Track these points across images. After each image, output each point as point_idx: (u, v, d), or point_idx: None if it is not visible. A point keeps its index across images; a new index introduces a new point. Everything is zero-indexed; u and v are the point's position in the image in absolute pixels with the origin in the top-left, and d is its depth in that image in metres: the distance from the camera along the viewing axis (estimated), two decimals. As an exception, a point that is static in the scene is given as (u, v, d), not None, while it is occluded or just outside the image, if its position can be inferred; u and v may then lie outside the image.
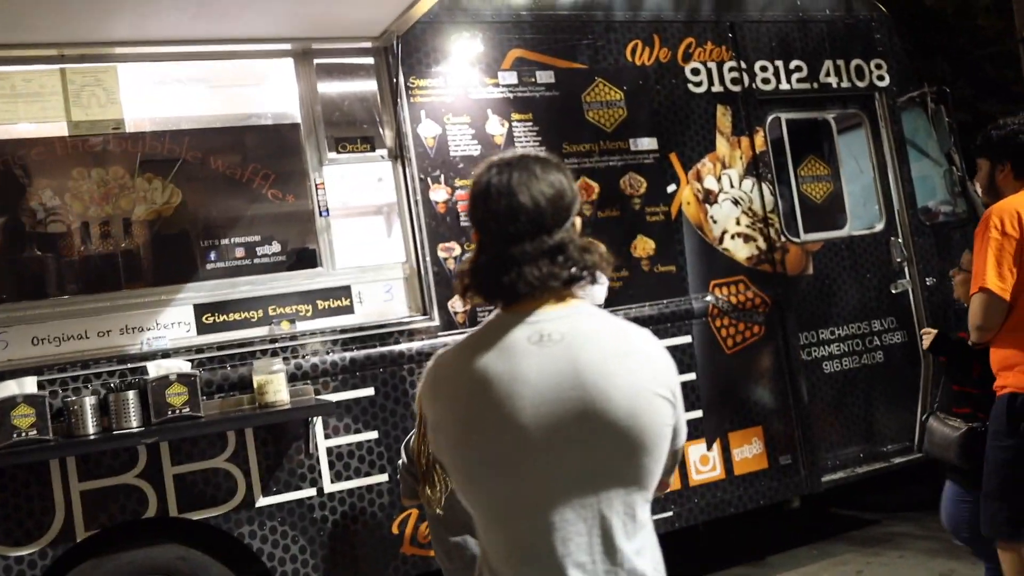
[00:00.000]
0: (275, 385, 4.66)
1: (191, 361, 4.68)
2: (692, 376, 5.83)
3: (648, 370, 1.95)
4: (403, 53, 5.36)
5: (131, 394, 4.46)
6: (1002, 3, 11.65)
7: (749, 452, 5.91)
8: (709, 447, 5.81)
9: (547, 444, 1.85)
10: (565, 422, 1.85)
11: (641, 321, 5.65)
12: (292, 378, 4.84)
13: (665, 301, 5.81)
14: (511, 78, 5.63)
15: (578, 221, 2.08)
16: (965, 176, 6.82)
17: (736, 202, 6.11)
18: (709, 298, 5.93)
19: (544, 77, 5.72)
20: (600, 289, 4.43)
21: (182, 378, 4.52)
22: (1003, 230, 3.81)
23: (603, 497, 1.87)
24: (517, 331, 1.93)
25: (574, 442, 1.85)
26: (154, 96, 4.99)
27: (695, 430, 5.79)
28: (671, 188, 5.94)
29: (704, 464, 5.78)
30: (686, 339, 5.84)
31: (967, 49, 15.38)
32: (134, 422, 4.45)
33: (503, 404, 1.86)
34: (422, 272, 5.26)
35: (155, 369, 4.54)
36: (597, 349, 1.91)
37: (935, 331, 4.51)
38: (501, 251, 1.94)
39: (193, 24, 4.67)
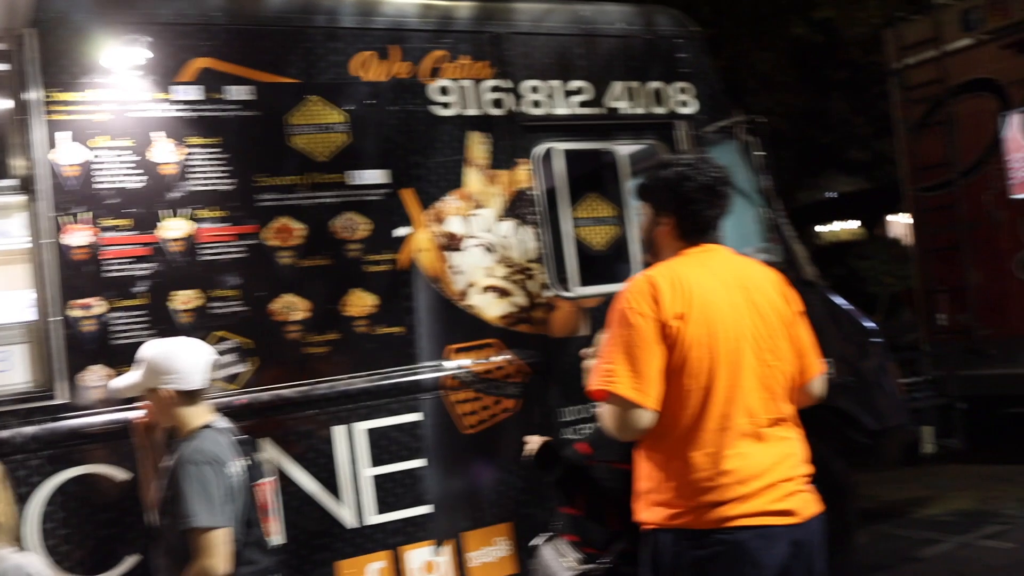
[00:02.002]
0: None
1: None
2: (421, 463, 4.74)
3: None
4: (43, 60, 4.25)
5: None
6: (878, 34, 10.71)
7: (491, 555, 4.83)
8: (438, 551, 4.72)
9: None
10: None
11: (351, 397, 4.59)
12: None
13: (387, 371, 4.72)
14: (193, 93, 4.53)
15: None
16: (781, 218, 5.84)
17: (489, 249, 5.05)
18: (447, 366, 4.86)
19: (239, 93, 4.63)
20: (183, 363, 3.34)
21: None
22: (640, 311, 2.78)
23: None
24: None
25: None
26: None
27: (422, 530, 4.71)
28: (401, 231, 4.87)
29: (429, 572, 4.68)
30: (414, 417, 4.75)
31: (865, 85, 14.55)
32: None
33: None
34: (49, 335, 4.12)
35: None
36: None
37: (541, 440, 3.46)
38: None
39: None
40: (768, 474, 2.77)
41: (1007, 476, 8.04)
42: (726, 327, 2.82)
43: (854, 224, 20.16)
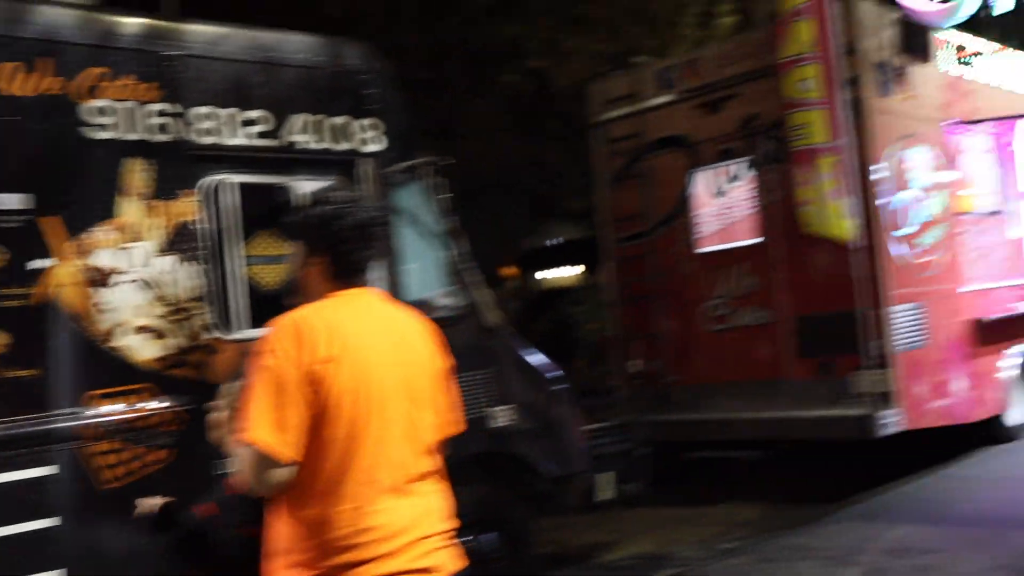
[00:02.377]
0: None
1: None
2: (52, 522, 4.26)
3: None
4: None
5: None
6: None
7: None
8: (70, 621, 4.25)
9: None
10: None
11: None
12: None
13: (13, 419, 4.22)
14: None
15: None
16: (463, 263, 5.78)
17: (145, 285, 4.66)
18: (87, 414, 4.41)
19: None
20: None
21: None
22: (284, 354, 2.57)
23: None
24: None
25: None
26: None
27: (49, 597, 4.23)
28: (40, 263, 4.39)
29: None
30: (45, 471, 4.27)
31: (578, 136, 15.02)
32: None
33: None
34: None
35: None
36: None
37: (162, 500, 3.23)
38: None
39: None
40: (411, 531, 2.64)
41: (688, 518, 8.33)
42: (376, 375, 2.65)
43: (579, 270, 20.78)
